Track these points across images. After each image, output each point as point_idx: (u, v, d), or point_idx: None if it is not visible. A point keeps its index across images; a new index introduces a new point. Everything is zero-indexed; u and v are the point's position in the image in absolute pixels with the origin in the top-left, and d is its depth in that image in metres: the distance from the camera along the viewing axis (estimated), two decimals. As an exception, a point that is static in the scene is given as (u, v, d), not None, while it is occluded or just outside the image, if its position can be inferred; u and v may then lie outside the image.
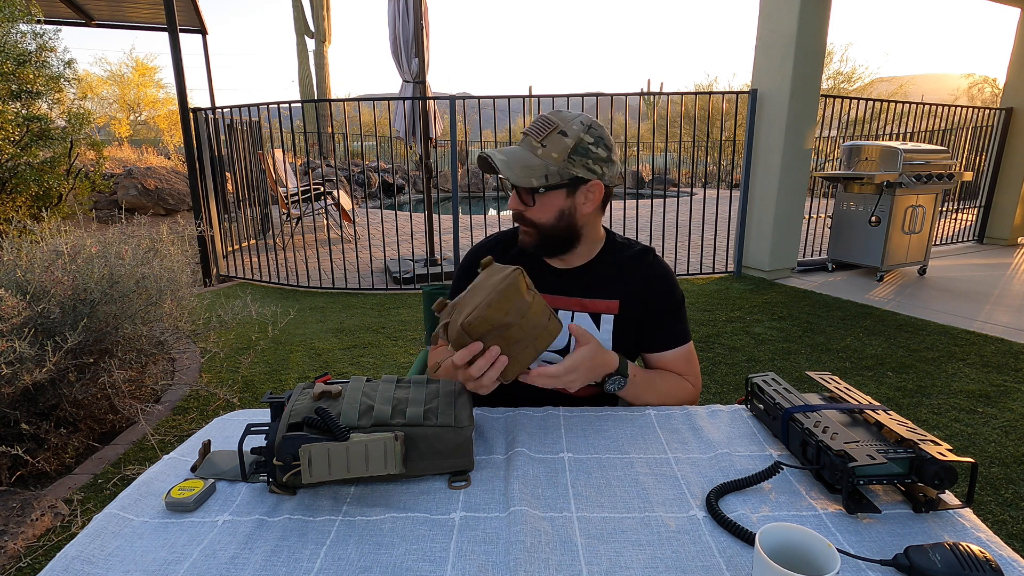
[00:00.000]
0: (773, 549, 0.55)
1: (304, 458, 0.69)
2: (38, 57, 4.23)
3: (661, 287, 1.10)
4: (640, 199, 11.17)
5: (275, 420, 0.75)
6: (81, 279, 2.10)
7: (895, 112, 5.67)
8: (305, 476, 0.70)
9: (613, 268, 1.11)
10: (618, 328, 1.09)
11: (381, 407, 0.77)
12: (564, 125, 0.99)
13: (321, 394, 0.78)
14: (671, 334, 1.10)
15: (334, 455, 0.70)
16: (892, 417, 0.80)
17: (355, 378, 0.85)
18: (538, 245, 1.06)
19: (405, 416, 0.77)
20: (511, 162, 0.98)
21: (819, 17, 4.29)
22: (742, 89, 5.33)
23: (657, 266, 1.12)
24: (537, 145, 0.99)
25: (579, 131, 0.99)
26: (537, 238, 1.05)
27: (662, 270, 1.12)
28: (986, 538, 0.64)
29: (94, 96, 17.54)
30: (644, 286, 1.09)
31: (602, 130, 1.02)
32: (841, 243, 4.80)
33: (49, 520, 1.70)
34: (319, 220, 7.04)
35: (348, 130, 10.04)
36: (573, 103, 4.72)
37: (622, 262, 1.11)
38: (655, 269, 1.11)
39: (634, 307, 1.09)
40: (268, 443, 0.72)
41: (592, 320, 1.09)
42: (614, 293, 1.09)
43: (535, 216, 1.03)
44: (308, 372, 2.93)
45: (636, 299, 1.09)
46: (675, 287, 1.12)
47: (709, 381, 2.71)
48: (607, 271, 1.11)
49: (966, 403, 2.42)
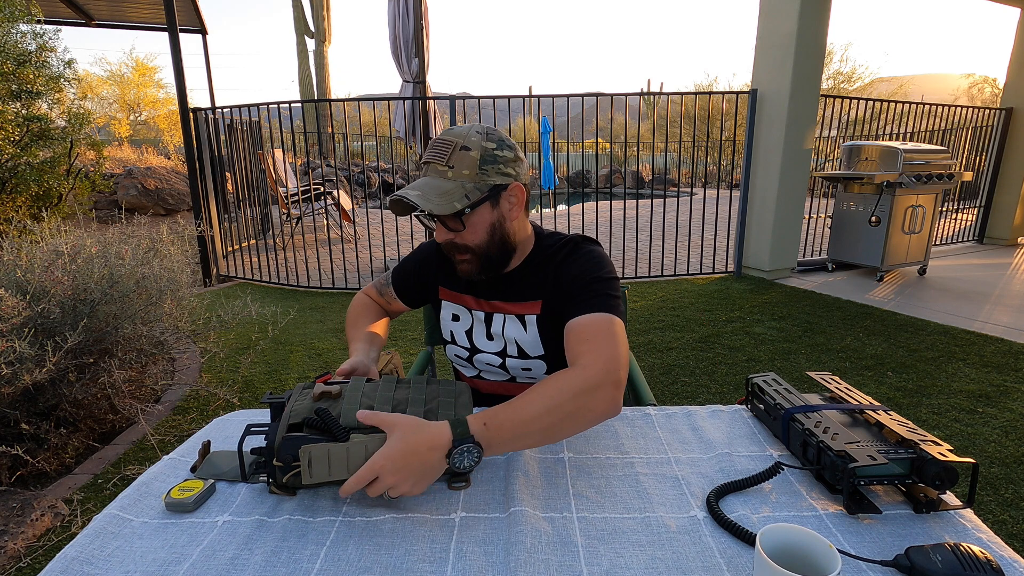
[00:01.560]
0: (774, 550, 0.55)
1: (304, 459, 0.69)
2: (38, 57, 4.23)
3: (575, 271, 1.00)
4: (640, 199, 11.18)
5: (275, 421, 0.75)
6: (81, 279, 2.09)
7: (895, 112, 5.67)
8: (305, 477, 0.70)
9: (535, 267, 1.06)
10: (542, 326, 1.04)
11: (381, 407, 0.77)
12: (463, 140, 0.95)
13: (321, 394, 0.78)
14: (581, 303, 0.94)
15: (334, 456, 0.70)
16: (892, 417, 0.80)
17: (355, 378, 0.85)
18: (479, 270, 1.01)
19: None
20: (426, 194, 0.92)
21: (819, 17, 4.29)
22: (742, 89, 5.33)
23: (577, 253, 1.03)
24: (444, 169, 0.94)
25: (479, 140, 0.95)
26: (477, 263, 1.00)
27: (581, 255, 1.02)
28: (987, 539, 0.64)
29: (94, 96, 17.55)
30: (559, 275, 1.02)
31: (499, 132, 0.99)
32: (841, 243, 4.80)
33: (49, 520, 1.70)
34: (319, 220, 7.04)
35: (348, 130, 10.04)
36: (573, 103, 4.72)
37: (544, 259, 1.06)
38: (573, 256, 1.03)
39: (553, 301, 1.03)
40: (268, 444, 0.72)
41: (520, 323, 1.06)
42: (537, 293, 1.05)
43: (469, 240, 0.98)
44: (308, 372, 2.93)
45: (554, 291, 1.03)
46: (590, 264, 1.00)
47: (709, 381, 2.71)
48: (533, 271, 1.06)
49: (966, 403, 2.42)
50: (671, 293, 4.30)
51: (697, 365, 2.90)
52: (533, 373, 1.10)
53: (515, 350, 1.08)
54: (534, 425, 0.76)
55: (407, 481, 0.69)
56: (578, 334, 0.90)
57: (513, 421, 0.75)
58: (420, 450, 0.70)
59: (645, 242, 6.14)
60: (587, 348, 0.86)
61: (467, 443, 0.72)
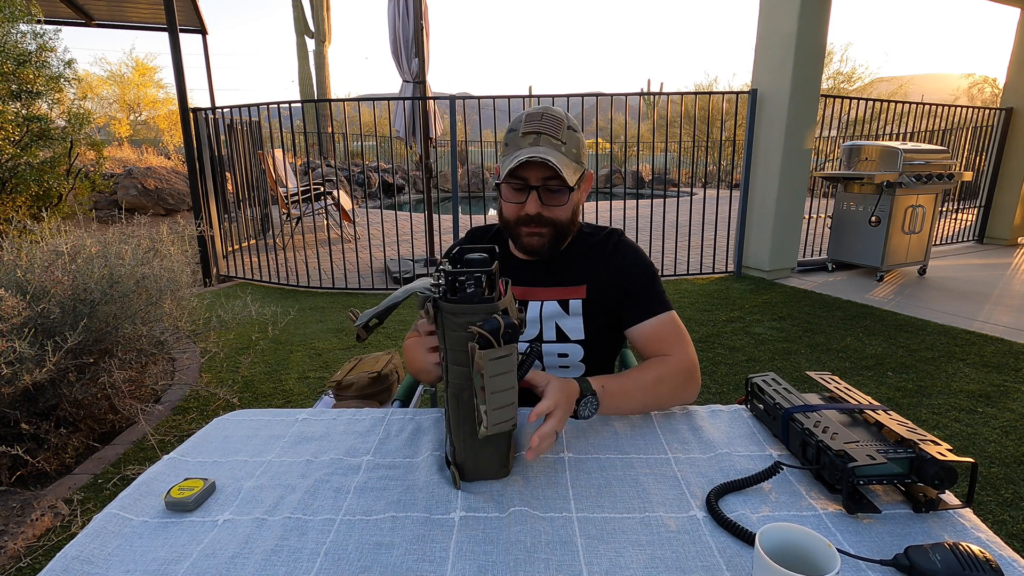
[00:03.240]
0: (773, 549, 0.55)
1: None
2: (38, 57, 4.23)
3: (629, 263, 1.08)
4: (640, 199, 11.17)
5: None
6: (81, 279, 2.09)
7: (895, 112, 5.67)
8: (490, 356, 0.67)
9: (580, 254, 1.10)
10: (587, 311, 1.08)
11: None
12: (567, 120, 0.99)
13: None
14: (648, 305, 1.05)
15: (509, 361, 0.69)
16: (892, 417, 0.80)
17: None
18: (550, 246, 1.04)
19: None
20: (561, 165, 0.95)
21: (819, 17, 4.29)
22: (742, 89, 5.33)
23: (623, 245, 1.11)
24: (558, 143, 0.97)
25: (575, 124, 1.01)
26: (551, 238, 1.02)
27: (627, 248, 1.11)
28: (986, 538, 0.64)
29: (94, 96, 17.55)
30: (611, 266, 1.08)
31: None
32: (841, 243, 4.80)
33: (49, 520, 1.70)
34: (319, 220, 7.04)
35: (348, 130, 10.04)
36: (573, 103, 4.72)
37: (588, 247, 1.10)
38: (620, 248, 1.10)
39: (602, 289, 1.07)
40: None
41: (561, 307, 1.08)
42: (581, 278, 1.08)
43: (559, 214, 1.01)
44: (308, 372, 2.93)
45: (604, 280, 1.07)
46: (643, 261, 1.09)
47: (709, 381, 2.71)
48: (574, 257, 1.10)
49: (966, 403, 2.42)
50: (671, 293, 4.30)
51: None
52: (569, 360, 1.10)
53: (553, 334, 1.08)
54: (639, 394, 0.94)
55: (565, 414, 0.82)
56: (659, 333, 1.04)
57: (624, 387, 0.93)
58: (570, 391, 0.84)
59: (645, 242, 6.14)
60: (677, 340, 1.03)
61: (589, 395, 0.86)
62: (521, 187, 0.99)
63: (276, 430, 0.94)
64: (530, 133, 0.97)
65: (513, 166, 0.94)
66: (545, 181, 0.97)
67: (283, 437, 0.91)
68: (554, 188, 0.98)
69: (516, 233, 1.04)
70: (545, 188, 0.98)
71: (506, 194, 1.01)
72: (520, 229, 1.03)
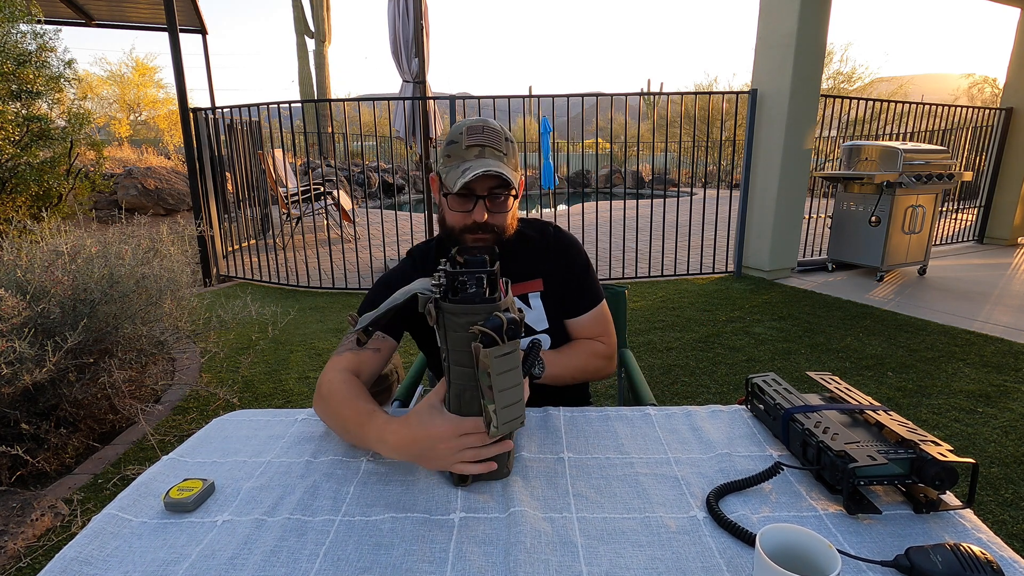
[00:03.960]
0: (774, 550, 0.55)
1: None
2: (38, 57, 4.23)
3: (573, 255, 1.18)
4: (640, 199, 11.17)
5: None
6: (81, 279, 2.09)
7: (895, 112, 5.67)
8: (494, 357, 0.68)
9: (526, 248, 1.16)
10: (546, 302, 1.16)
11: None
12: (504, 131, 1.05)
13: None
14: (590, 296, 1.18)
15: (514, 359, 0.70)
16: (892, 417, 0.80)
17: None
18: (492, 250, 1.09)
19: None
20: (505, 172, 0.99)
21: (819, 17, 4.28)
22: (742, 89, 5.33)
23: (563, 237, 1.20)
24: (501, 154, 1.02)
25: (511, 135, 1.07)
26: (493, 242, 1.07)
27: (569, 240, 1.20)
28: (987, 539, 0.64)
29: (94, 96, 17.55)
30: (558, 258, 1.17)
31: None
32: (841, 243, 4.80)
33: (49, 520, 1.70)
34: (319, 220, 7.04)
35: (348, 130, 10.04)
36: (573, 103, 4.72)
37: (532, 240, 1.17)
38: (562, 241, 1.19)
39: (555, 280, 1.16)
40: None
41: (521, 301, 1.15)
42: (534, 272, 1.16)
43: (501, 221, 1.06)
44: (308, 372, 2.93)
45: (555, 272, 1.16)
46: (582, 253, 1.20)
47: (709, 381, 2.71)
48: (522, 253, 1.15)
49: (966, 403, 2.42)
50: (671, 293, 4.30)
51: (697, 365, 2.90)
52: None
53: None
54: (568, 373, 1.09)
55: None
56: (594, 325, 1.18)
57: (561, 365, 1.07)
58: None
59: (645, 242, 6.14)
60: (606, 328, 1.19)
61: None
62: (468, 196, 1.03)
63: (276, 430, 0.94)
64: (474, 146, 1.01)
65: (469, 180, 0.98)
66: (491, 191, 1.03)
67: (283, 437, 0.91)
68: (499, 196, 1.04)
69: (461, 240, 1.08)
70: (491, 197, 1.03)
71: (453, 204, 1.05)
72: (465, 236, 1.07)
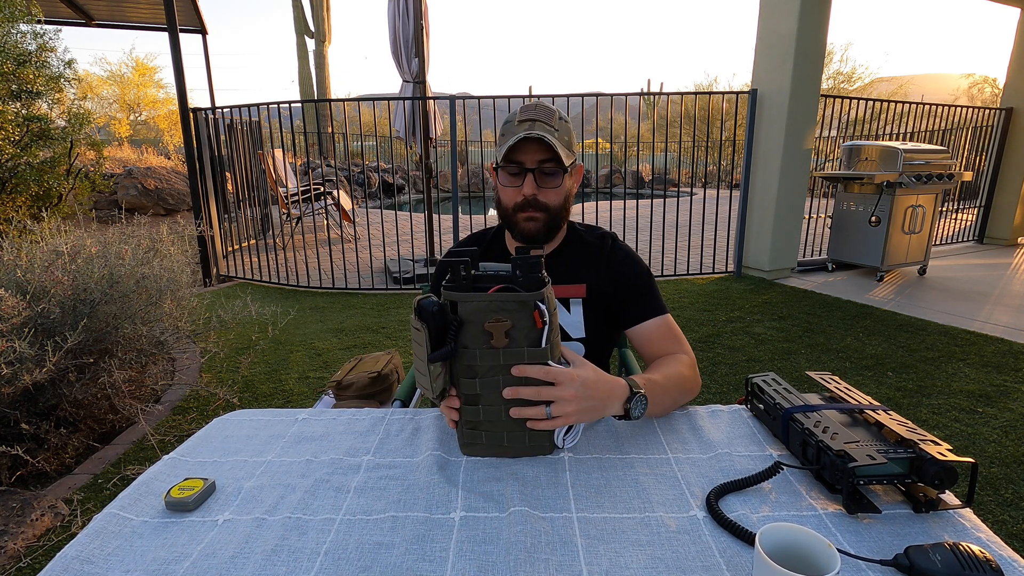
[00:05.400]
0: (773, 549, 0.55)
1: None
2: (38, 57, 4.23)
3: (628, 265, 1.13)
4: (640, 199, 11.16)
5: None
6: (81, 279, 2.09)
7: (895, 112, 5.67)
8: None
9: (578, 253, 1.14)
10: (587, 311, 1.11)
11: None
12: (559, 112, 1.05)
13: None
14: (649, 306, 1.10)
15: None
16: (892, 417, 0.80)
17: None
18: (544, 231, 1.07)
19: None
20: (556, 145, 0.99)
21: (819, 17, 4.28)
22: (742, 89, 5.33)
23: (619, 248, 1.16)
24: (552, 129, 1.01)
25: (567, 117, 1.06)
26: (545, 222, 1.06)
27: (625, 251, 1.16)
28: (986, 538, 0.64)
29: (94, 96, 17.54)
30: (611, 268, 1.12)
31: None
32: (841, 243, 4.80)
33: (49, 520, 1.70)
34: (319, 220, 7.04)
35: (348, 130, 10.04)
36: (573, 103, 4.72)
37: (586, 247, 1.15)
38: (618, 252, 1.15)
39: (602, 289, 1.11)
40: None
41: (561, 305, 1.12)
42: (580, 277, 1.12)
43: (552, 199, 1.05)
44: (308, 372, 2.93)
45: (604, 282, 1.12)
46: (641, 264, 1.15)
47: (709, 381, 2.71)
48: (573, 257, 1.13)
49: (966, 403, 2.42)
50: (671, 293, 4.30)
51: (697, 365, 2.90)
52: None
53: None
54: (671, 393, 0.93)
55: (583, 405, 0.79)
56: (663, 332, 1.08)
57: (662, 386, 0.91)
58: (604, 387, 0.81)
59: (645, 242, 6.14)
60: (678, 340, 1.08)
61: (640, 394, 0.84)
62: (518, 171, 1.03)
63: (276, 430, 0.94)
64: (525, 120, 1.02)
65: (512, 144, 0.99)
66: (540, 164, 1.02)
67: (283, 437, 0.91)
68: (549, 171, 1.02)
69: (513, 220, 1.07)
70: (540, 171, 1.02)
71: (503, 179, 1.05)
72: (517, 216, 1.06)
